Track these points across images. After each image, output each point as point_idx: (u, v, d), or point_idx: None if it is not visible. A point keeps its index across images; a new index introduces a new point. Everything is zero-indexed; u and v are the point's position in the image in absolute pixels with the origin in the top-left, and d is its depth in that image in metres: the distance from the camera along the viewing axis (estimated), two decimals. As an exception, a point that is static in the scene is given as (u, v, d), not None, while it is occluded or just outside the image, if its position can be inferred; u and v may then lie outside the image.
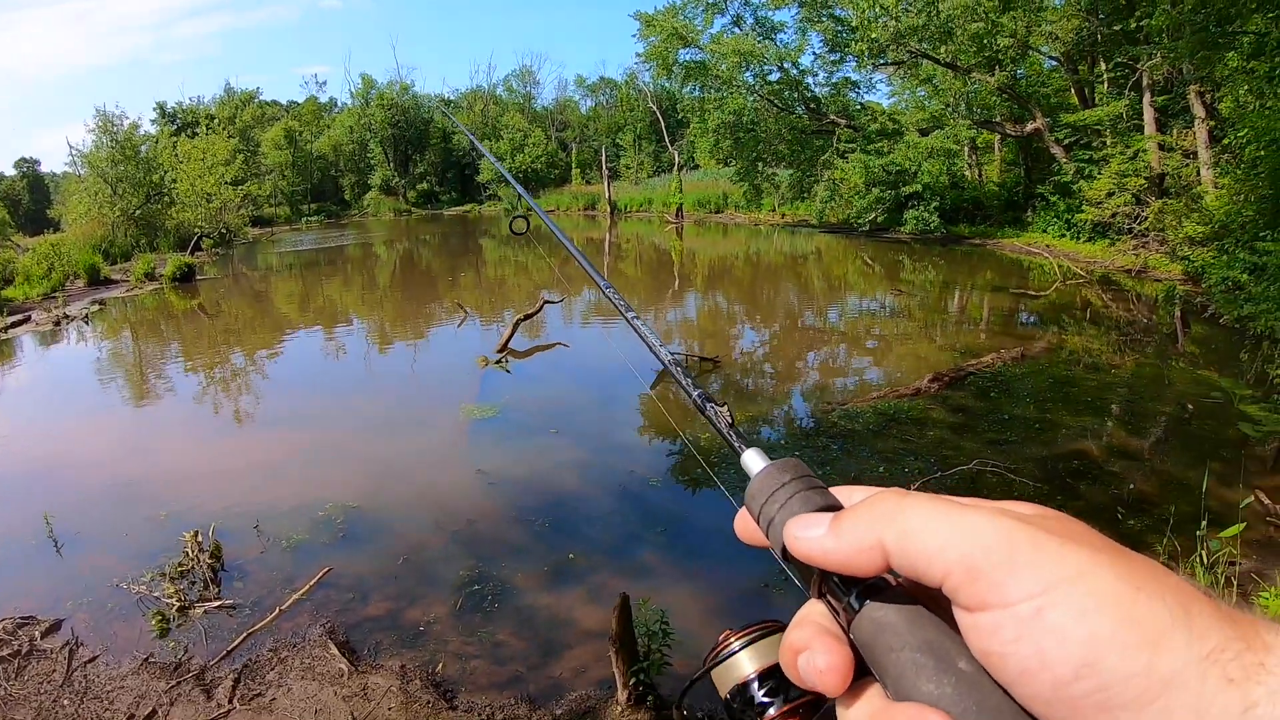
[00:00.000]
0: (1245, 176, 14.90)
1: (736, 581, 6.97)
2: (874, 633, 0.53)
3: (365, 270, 35.58)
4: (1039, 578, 0.46)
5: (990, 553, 0.48)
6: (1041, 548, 0.48)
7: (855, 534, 0.55)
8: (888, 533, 0.53)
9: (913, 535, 0.52)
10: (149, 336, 20.94)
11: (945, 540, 0.50)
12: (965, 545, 0.49)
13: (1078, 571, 0.46)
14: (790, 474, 0.63)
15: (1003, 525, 0.50)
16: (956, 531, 0.50)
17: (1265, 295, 10.81)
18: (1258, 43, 12.88)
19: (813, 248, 36.91)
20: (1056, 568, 0.46)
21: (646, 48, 42.62)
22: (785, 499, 0.61)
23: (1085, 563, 0.46)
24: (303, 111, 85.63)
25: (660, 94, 67.63)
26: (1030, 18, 29.46)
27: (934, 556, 0.50)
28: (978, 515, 0.51)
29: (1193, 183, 23.43)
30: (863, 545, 0.54)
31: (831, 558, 0.55)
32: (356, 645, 6.17)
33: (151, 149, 41.80)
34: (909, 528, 0.52)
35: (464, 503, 8.92)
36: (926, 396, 12.09)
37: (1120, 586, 0.45)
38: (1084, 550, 0.47)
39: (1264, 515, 7.66)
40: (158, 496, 9.32)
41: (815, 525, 0.57)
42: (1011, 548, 0.48)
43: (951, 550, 0.50)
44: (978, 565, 0.48)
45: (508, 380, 14.21)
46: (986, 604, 0.48)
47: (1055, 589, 0.46)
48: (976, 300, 22.41)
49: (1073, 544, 0.48)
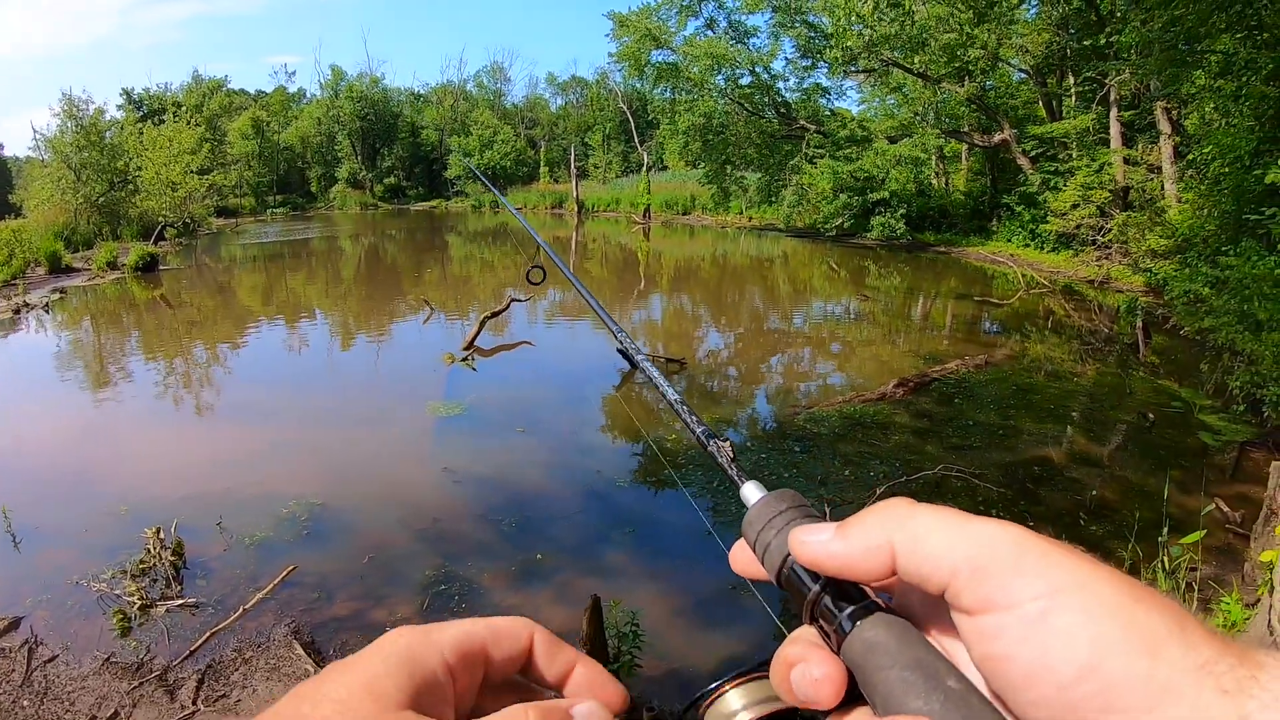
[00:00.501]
0: (1208, 192, 15.14)
1: (705, 582, 6.97)
2: (864, 652, 0.54)
3: (330, 264, 35.26)
4: (1045, 581, 0.47)
5: (997, 555, 0.49)
6: (1047, 554, 0.49)
7: (863, 536, 0.55)
8: (897, 534, 0.54)
9: (921, 537, 0.52)
10: (110, 327, 20.60)
11: (954, 542, 0.51)
12: (973, 548, 0.50)
13: (1082, 578, 0.47)
14: (787, 503, 0.64)
15: (1010, 531, 0.51)
16: (964, 535, 0.51)
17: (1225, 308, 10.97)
18: (1225, 62, 13.09)
19: (779, 251, 37.05)
20: (1062, 573, 0.47)
21: (619, 48, 42.64)
22: (782, 525, 0.62)
23: (1088, 572, 0.47)
24: (271, 101, 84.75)
25: (631, 94, 67.68)
26: (1002, 30, 29.77)
27: (942, 558, 0.51)
28: (985, 522, 0.52)
29: (1157, 197, 23.80)
30: (870, 546, 0.54)
31: (837, 560, 0.56)
32: (322, 646, 6.09)
33: (117, 135, 41.19)
34: (918, 530, 0.53)
35: (430, 501, 8.85)
36: (891, 401, 12.18)
37: (1122, 596, 0.46)
38: (1087, 563, 0.48)
39: (1223, 523, 7.79)
40: (118, 491, 9.16)
41: (822, 530, 0.58)
42: (1019, 552, 0.49)
43: (959, 552, 0.50)
44: (985, 566, 0.49)
45: (473, 378, 14.14)
46: (992, 605, 0.48)
47: (1061, 593, 0.46)
48: (941, 307, 22.59)
49: (1076, 556, 0.49)
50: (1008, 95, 35.02)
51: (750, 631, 6.29)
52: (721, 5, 41.66)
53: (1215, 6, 12.63)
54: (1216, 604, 5.28)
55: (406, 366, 15.69)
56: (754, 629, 6.31)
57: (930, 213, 36.37)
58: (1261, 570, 5.27)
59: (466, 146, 74.13)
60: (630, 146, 70.15)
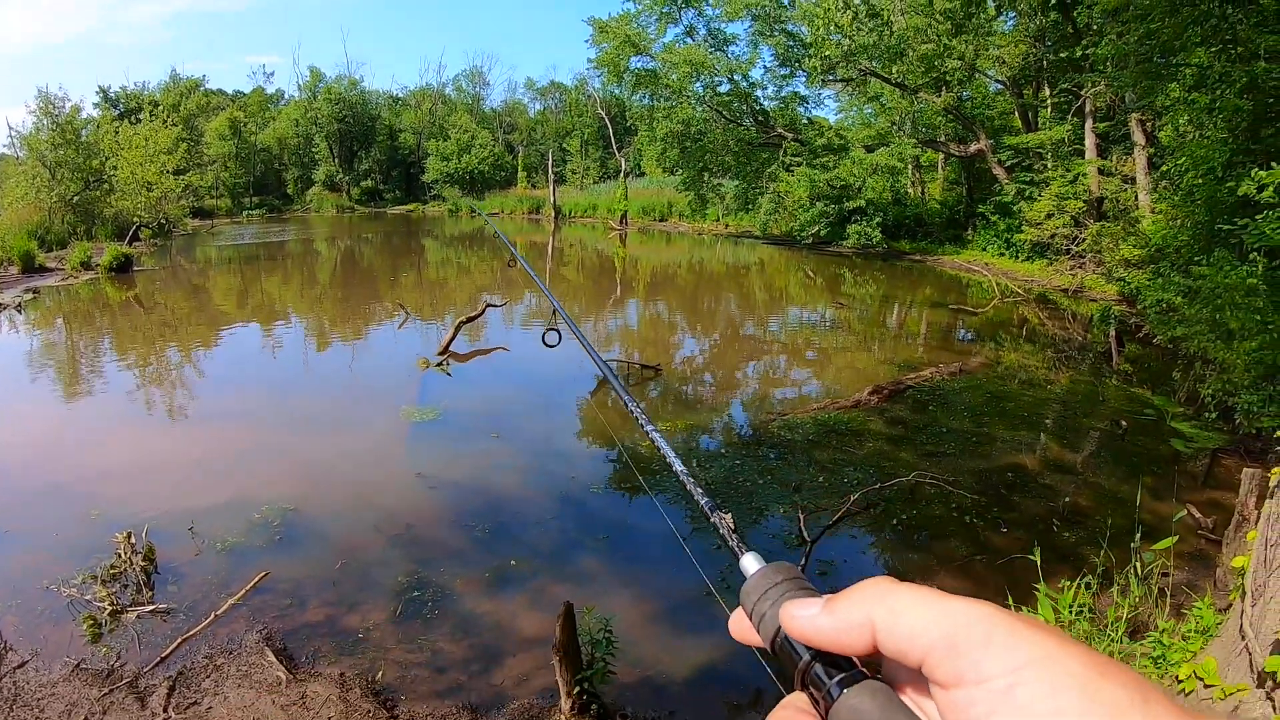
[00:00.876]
0: (1181, 203, 15.25)
1: (678, 589, 6.96)
2: (850, 719, 0.57)
3: (306, 267, 35.07)
4: (1013, 656, 0.49)
5: (969, 633, 0.52)
6: (1015, 631, 0.51)
7: (847, 611, 0.58)
8: (877, 611, 0.57)
9: (900, 613, 0.55)
10: (83, 328, 20.37)
11: (929, 620, 0.54)
12: (947, 624, 0.53)
13: (1048, 653, 0.49)
14: (782, 575, 0.69)
15: (982, 609, 0.53)
16: (939, 612, 0.54)
17: (1198, 318, 11.06)
18: (1200, 75, 13.21)
19: (755, 259, 37.18)
20: (1029, 649, 0.49)
21: (598, 54, 42.59)
22: (776, 597, 0.67)
23: (1055, 647, 0.49)
24: (248, 102, 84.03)
25: (609, 100, 67.72)
26: (979, 42, 30.02)
27: (918, 635, 0.54)
28: (959, 601, 0.54)
29: (1130, 207, 24.04)
30: (853, 622, 0.58)
31: (824, 634, 0.59)
32: (294, 652, 6.03)
33: (93, 134, 40.78)
34: (897, 607, 0.56)
35: (403, 507, 8.79)
36: (865, 409, 12.22)
37: (1087, 670, 0.47)
38: (1054, 637, 0.50)
39: (1195, 529, 7.87)
40: (89, 494, 9.05)
41: (810, 605, 0.62)
42: (989, 628, 0.51)
43: (934, 629, 0.53)
44: (957, 643, 0.52)
45: (448, 383, 14.09)
46: (964, 679, 0.51)
47: (1027, 667, 0.48)
48: (916, 315, 22.72)
49: (1043, 630, 0.51)
50: (984, 106, 35.37)
51: (723, 639, 6.24)
52: (701, 13, 41.87)
53: (1190, 20, 12.75)
54: (1189, 609, 5.31)
55: (381, 371, 15.58)
56: (726, 637, 6.27)
57: (906, 221, 36.58)
58: (1233, 576, 5.30)
59: (444, 150, 73.92)
60: (608, 152, 70.21)
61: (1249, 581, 4.23)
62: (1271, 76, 11.49)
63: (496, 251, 41.09)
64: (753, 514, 8.54)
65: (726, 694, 5.66)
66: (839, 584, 2.02)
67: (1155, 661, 4.85)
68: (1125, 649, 5.04)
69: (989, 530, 8.17)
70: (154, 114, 44.83)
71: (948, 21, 29.10)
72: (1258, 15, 11.85)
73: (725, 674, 5.87)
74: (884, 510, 8.68)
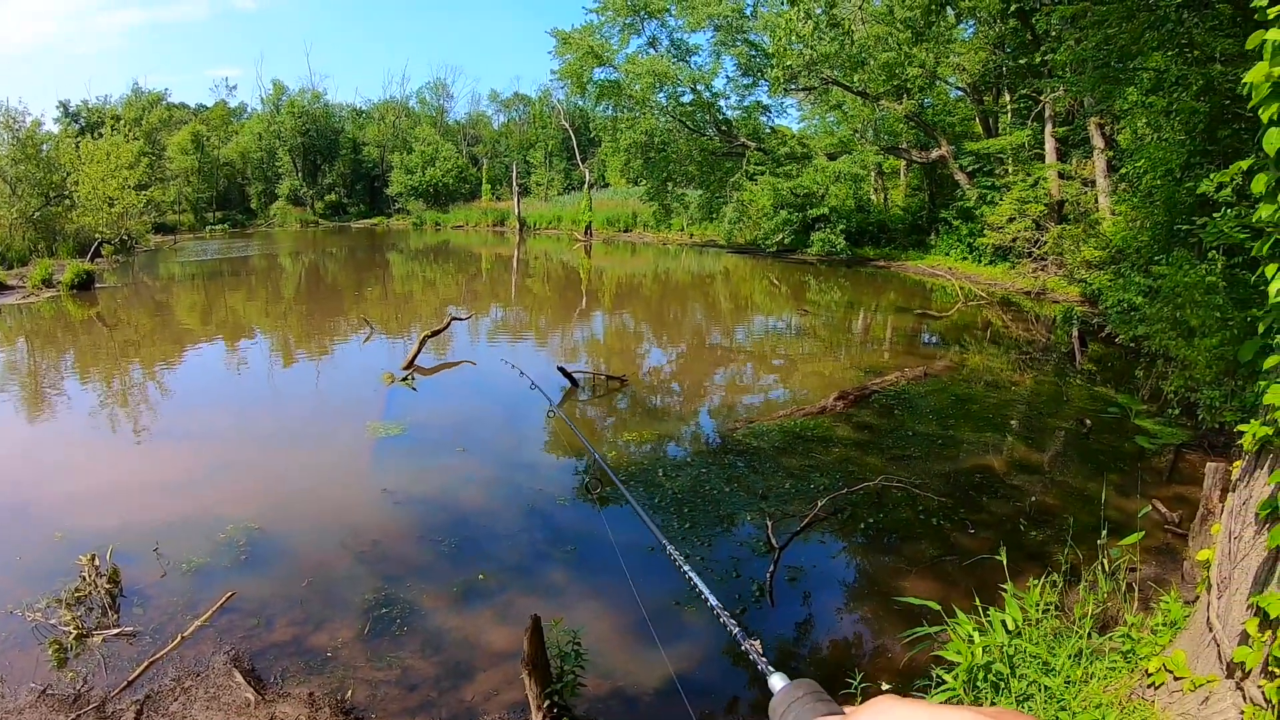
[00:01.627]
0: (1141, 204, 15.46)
1: (647, 599, 6.89)
2: None
3: (270, 282, 34.72)
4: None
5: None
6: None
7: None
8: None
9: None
10: (45, 347, 20.05)
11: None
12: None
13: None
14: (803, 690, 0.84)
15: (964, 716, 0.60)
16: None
17: (1159, 316, 11.19)
18: (1156, 79, 13.38)
19: (720, 268, 37.29)
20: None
21: (562, 65, 42.70)
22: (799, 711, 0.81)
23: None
24: (211, 116, 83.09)
25: (573, 112, 67.85)
26: (940, 50, 30.33)
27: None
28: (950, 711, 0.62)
29: (1091, 210, 24.36)
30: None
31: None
32: (263, 673, 5.92)
33: (54, 149, 40.24)
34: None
35: (369, 523, 8.68)
36: (832, 415, 12.23)
37: None
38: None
39: (1161, 523, 7.92)
40: (52, 516, 8.86)
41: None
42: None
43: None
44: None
45: (414, 398, 13.98)
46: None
47: None
48: (881, 320, 22.85)
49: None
50: (945, 112, 35.75)
51: (693, 648, 6.25)
52: (664, 24, 42.05)
53: (1147, 25, 12.92)
54: (1157, 603, 5.32)
55: (346, 386, 15.40)
56: (697, 645, 6.28)
57: (870, 228, 36.86)
58: (1200, 568, 5.32)
59: (408, 163, 73.65)
60: (572, 164, 70.30)
61: (1214, 574, 4.23)
62: (1227, 79, 11.63)
63: (461, 265, 40.96)
64: (721, 522, 8.51)
65: (697, 703, 5.60)
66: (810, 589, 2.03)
67: (1125, 656, 4.85)
68: (1094, 644, 5.04)
69: (957, 532, 8.18)
70: (116, 128, 44.15)
71: (908, 30, 29.38)
72: (1213, 19, 12.01)
73: (695, 683, 5.83)
74: (852, 515, 8.68)
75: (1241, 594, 3.94)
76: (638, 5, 40.65)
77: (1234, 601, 4.00)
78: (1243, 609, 3.91)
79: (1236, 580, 4.01)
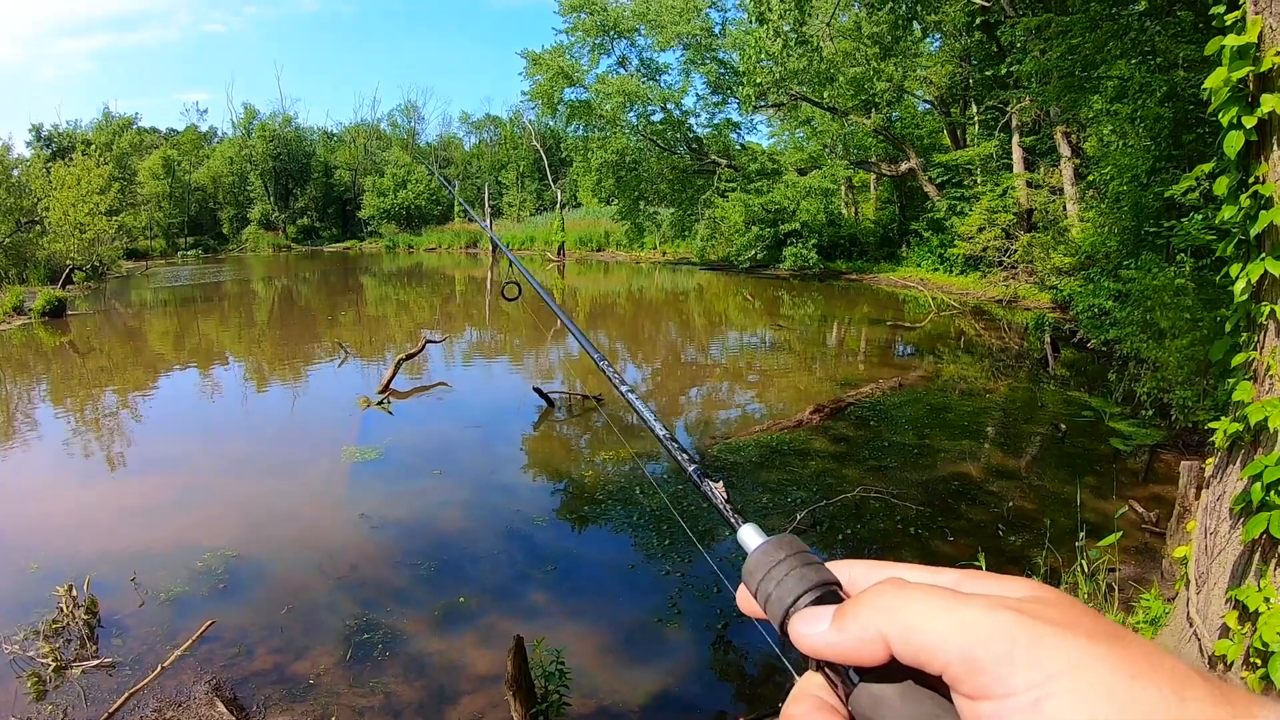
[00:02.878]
0: (1108, 210, 15.63)
1: (629, 617, 6.89)
2: (873, 706, 0.54)
3: (243, 308, 34.48)
4: (1038, 669, 0.46)
5: (989, 646, 0.48)
6: (1040, 640, 0.47)
7: (858, 628, 0.55)
8: (889, 626, 0.53)
9: (914, 630, 0.52)
10: (16, 375, 19.79)
11: (945, 635, 0.50)
12: (964, 639, 0.49)
13: (1075, 662, 0.46)
14: (785, 551, 0.64)
15: (1000, 619, 0.50)
16: (955, 626, 0.50)
17: (1129, 319, 11.32)
18: (1121, 86, 13.55)
19: (694, 285, 37.40)
20: (1054, 659, 0.46)
21: (532, 86, 42.80)
22: (781, 576, 0.62)
23: (1082, 653, 0.46)
24: (182, 140, 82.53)
25: (544, 132, 68.00)
26: (907, 63, 30.67)
27: (935, 650, 0.50)
28: (976, 609, 0.51)
29: (1059, 217, 24.62)
30: (865, 638, 0.54)
31: (836, 651, 0.56)
32: (245, 701, 5.83)
33: (24, 173, 39.90)
34: (909, 622, 0.52)
35: (347, 548, 8.59)
36: (808, 428, 12.25)
37: (1116, 676, 0.44)
38: (1081, 639, 0.47)
39: (1139, 523, 7.96)
40: (27, 546, 8.73)
41: (818, 620, 0.58)
42: (1010, 641, 0.48)
43: (952, 644, 0.50)
44: (978, 659, 0.48)
45: (390, 421, 13.89)
46: (988, 694, 0.47)
47: (1054, 680, 0.45)
48: (854, 333, 22.95)
49: (1070, 633, 0.47)
50: (913, 125, 36.12)
51: (676, 664, 6.22)
52: (633, 43, 42.29)
53: (1110, 35, 13.09)
54: (1137, 601, 5.35)
55: (321, 411, 15.30)
56: (680, 661, 6.25)
57: (841, 241, 37.08)
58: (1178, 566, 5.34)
59: (380, 186, 73.60)
60: (544, 184, 70.41)
61: (1192, 570, 4.26)
62: (1190, 84, 11.79)
63: (435, 287, 40.86)
64: (700, 537, 8.48)
65: (683, 719, 5.57)
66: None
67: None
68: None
69: (935, 539, 8.20)
70: (87, 153, 43.83)
71: (876, 45, 29.66)
72: (1175, 26, 12.18)
73: (681, 699, 5.80)
74: (830, 527, 8.67)
75: (1220, 588, 3.96)
76: (607, 25, 40.86)
77: (1213, 596, 4.02)
78: (1221, 603, 3.93)
79: (1214, 575, 4.03)
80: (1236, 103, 3.74)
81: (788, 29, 28.39)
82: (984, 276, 27.50)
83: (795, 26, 27.27)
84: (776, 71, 31.04)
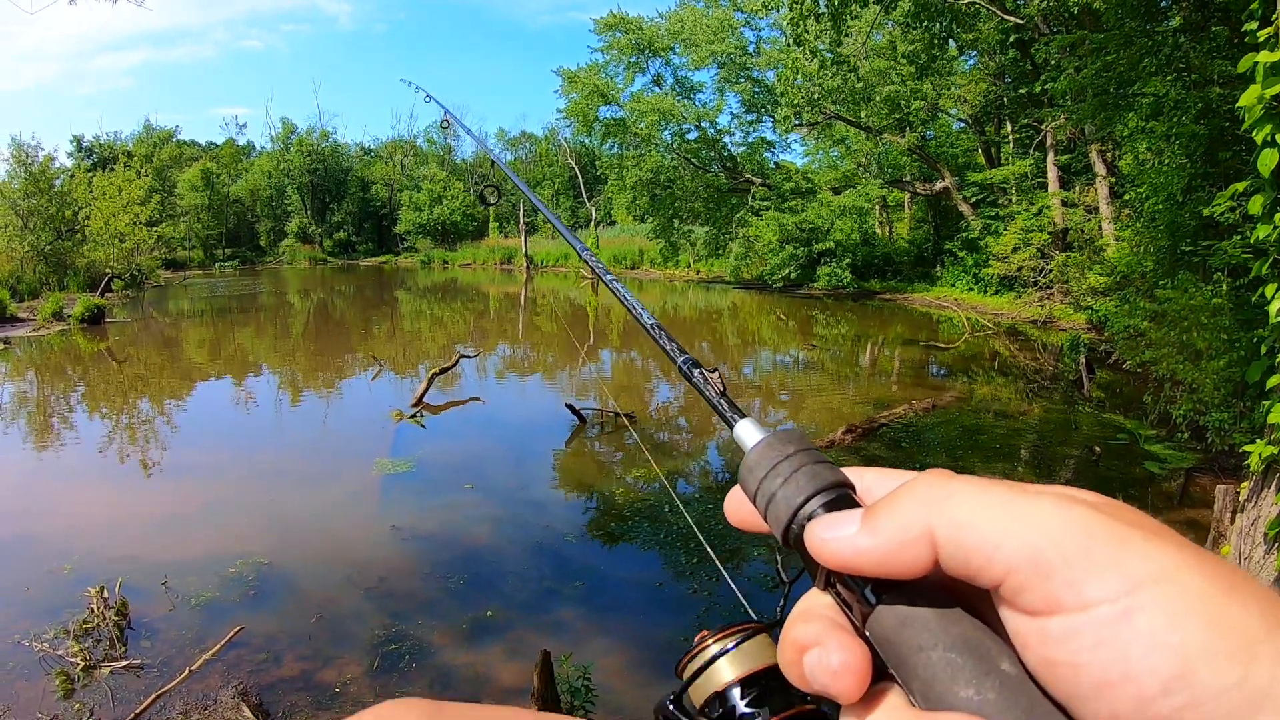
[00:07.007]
0: (1144, 229, 15.45)
1: (657, 635, 6.87)
2: (897, 628, 0.45)
3: (279, 319, 34.85)
4: (1121, 576, 0.39)
5: (1062, 546, 0.40)
6: (1124, 541, 0.40)
7: (896, 527, 0.45)
8: (937, 521, 0.44)
9: (966, 525, 0.43)
10: (55, 380, 20.11)
11: (1007, 530, 0.42)
12: (1031, 536, 0.41)
13: (1165, 570, 0.39)
14: (794, 445, 0.53)
15: (1075, 514, 0.41)
16: (1020, 520, 0.42)
17: (1165, 340, 11.17)
18: (1156, 104, 13.41)
19: (727, 304, 37.32)
20: (1142, 565, 0.39)
21: (568, 103, 43.00)
22: (789, 472, 0.51)
23: (1172, 561, 0.39)
24: (221, 154, 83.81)
25: (579, 150, 68.32)
26: (941, 82, 30.58)
27: (994, 550, 0.42)
28: (1043, 502, 0.43)
29: (1094, 236, 24.35)
30: (906, 539, 0.45)
31: (867, 558, 0.46)
32: (270, 707, 5.87)
33: (66, 183, 40.57)
34: (960, 517, 0.43)
35: (378, 559, 8.63)
36: (840, 448, 12.17)
37: (1211, 589, 0.38)
38: (1169, 547, 0.40)
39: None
40: (61, 548, 8.83)
41: (845, 524, 0.48)
42: (1088, 541, 0.40)
43: (1015, 542, 0.41)
44: (1049, 560, 0.40)
45: (422, 435, 13.96)
46: (1059, 606, 0.40)
47: (1142, 589, 0.38)
48: (888, 353, 22.82)
49: (1157, 539, 0.40)
50: (948, 144, 35.93)
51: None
52: (668, 62, 42.41)
53: (1145, 52, 13.00)
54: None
55: (354, 423, 15.41)
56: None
57: (875, 261, 36.91)
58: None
59: (417, 201, 74.14)
60: (579, 201, 70.64)
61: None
62: (1225, 101, 11.67)
63: (469, 303, 41.06)
64: (729, 556, 8.45)
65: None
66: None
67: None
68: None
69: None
70: (128, 164, 44.48)
71: (911, 64, 29.61)
72: (1210, 42, 12.08)
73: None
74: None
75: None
76: (642, 44, 41.08)
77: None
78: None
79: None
80: (1270, 120, 3.70)
81: (823, 48, 28.47)
82: (1019, 297, 27.27)
83: (832, 48, 27.32)
84: (813, 91, 31.05)
